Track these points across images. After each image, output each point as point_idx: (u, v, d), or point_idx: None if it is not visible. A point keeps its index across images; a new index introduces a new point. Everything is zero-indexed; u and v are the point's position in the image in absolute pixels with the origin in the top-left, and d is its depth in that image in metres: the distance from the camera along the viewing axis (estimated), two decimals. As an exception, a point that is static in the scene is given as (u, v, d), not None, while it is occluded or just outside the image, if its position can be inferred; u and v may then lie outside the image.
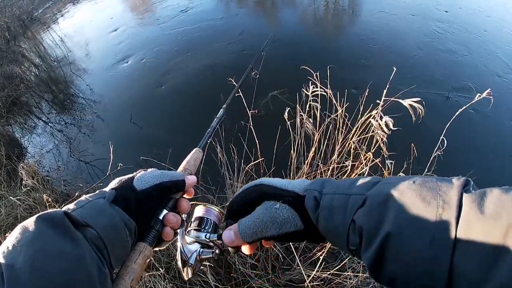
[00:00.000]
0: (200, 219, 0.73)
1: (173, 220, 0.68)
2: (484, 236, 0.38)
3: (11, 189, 3.79)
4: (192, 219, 0.75)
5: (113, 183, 0.66)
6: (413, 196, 0.46)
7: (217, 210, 0.76)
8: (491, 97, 1.76)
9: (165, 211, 0.68)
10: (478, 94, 1.81)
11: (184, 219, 0.73)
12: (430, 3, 6.68)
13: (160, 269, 2.33)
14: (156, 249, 0.70)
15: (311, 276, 2.04)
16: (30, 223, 0.50)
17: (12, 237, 0.48)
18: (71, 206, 0.57)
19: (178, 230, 0.71)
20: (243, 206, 0.65)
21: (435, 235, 0.41)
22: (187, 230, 0.73)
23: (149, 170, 0.69)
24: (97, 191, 0.62)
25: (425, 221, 0.43)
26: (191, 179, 0.72)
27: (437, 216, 0.42)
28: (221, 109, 1.18)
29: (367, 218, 0.49)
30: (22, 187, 3.65)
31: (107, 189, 0.64)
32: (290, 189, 0.61)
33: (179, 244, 0.72)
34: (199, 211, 0.75)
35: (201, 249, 0.72)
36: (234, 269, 2.41)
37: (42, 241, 0.47)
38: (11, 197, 3.42)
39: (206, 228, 0.73)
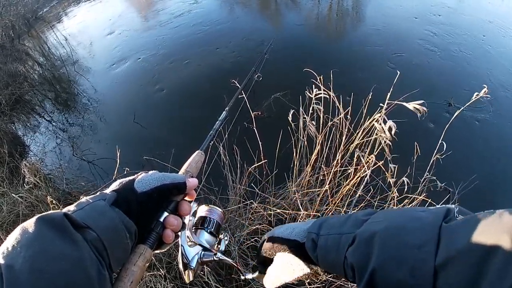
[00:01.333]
0: (203, 219, 0.75)
1: (173, 223, 0.67)
2: (462, 264, 0.40)
3: (13, 187, 3.80)
4: (196, 218, 0.76)
5: (114, 185, 0.66)
6: (394, 233, 0.50)
7: (220, 210, 0.77)
8: (489, 96, 1.77)
9: (166, 214, 0.67)
10: (476, 93, 1.82)
11: (185, 221, 0.73)
12: (434, 7, 6.68)
13: (161, 269, 2.33)
14: (157, 251, 0.70)
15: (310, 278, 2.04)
16: (30, 224, 0.50)
17: (12, 238, 0.49)
18: (71, 207, 0.57)
19: (179, 233, 0.71)
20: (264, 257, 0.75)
21: (415, 265, 0.44)
22: (190, 229, 0.74)
23: (150, 172, 0.69)
24: (98, 193, 0.63)
25: (405, 254, 0.46)
26: (192, 182, 0.71)
27: (417, 247, 0.46)
28: (224, 111, 1.19)
29: (355, 255, 0.54)
30: (25, 184, 3.65)
31: (108, 191, 0.65)
32: (292, 239, 0.69)
33: (180, 246, 0.73)
34: (202, 210, 0.76)
35: (203, 252, 0.73)
36: (234, 270, 2.41)
37: (42, 242, 0.48)
38: (13, 194, 3.43)
39: (209, 227, 0.75)
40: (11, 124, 5.58)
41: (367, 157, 2.13)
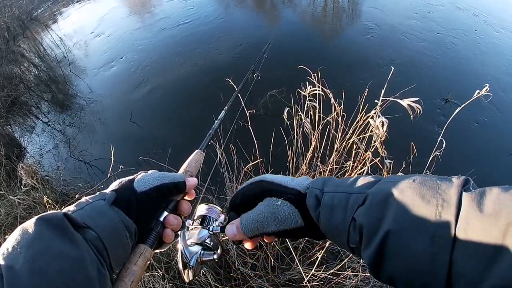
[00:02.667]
0: (203, 217, 0.74)
1: (173, 222, 0.67)
2: (483, 234, 0.39)
3: (11, 189, 3.79)
4: (195, 217, 0.75)
5: (114, 185, 0.66)
6: (412, 194, 0.46)
7: (219, 208, 0.77)
8: (490, 94, 1.77)
9: (165, 213, 0.67)
10: (477, 91, 1.81)
11: (185, 221, 0.73)
12: (431, 4, 6.68)
13: (160, 269, 2.34)
14: (157, 251, 0.70)
15: (309, 275, 2.05)
16: (29, 224, 0.50)
17: (12, 239, 0.49)
18: (71, 207, 0.57)
19: (179, 232, 0.71)
20: (246, 200, 0.66)
21: (435, 233, 0.42)
22: (189, 228, 0.74)
23: (150, 171, 0.69)
24: (98, 193, 0.63)
25: (424, 219, 0.43)
26: (191, 181, 0.71)
27: (437, 214, 0.43)
28: (223, 111, 1.18)
29: (367, 216, 0.49)
30: (22, 186, 3.65)
31: (107, 190, 0.64)
32: (291, 187, 0.62)
33: (180, 246, 0.72)
34: (201, 209, 0.76)
35: (202, 251, 0.72)
36: (233, 269, 2.41)
37: (42, 242, 0.47)
38: (10, 197, 3.42)
39: (209, 226, 0.73)
40: (7, 126, 5.56)
41: (363, 154, 2.13)
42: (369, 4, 6.94)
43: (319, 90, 2.10)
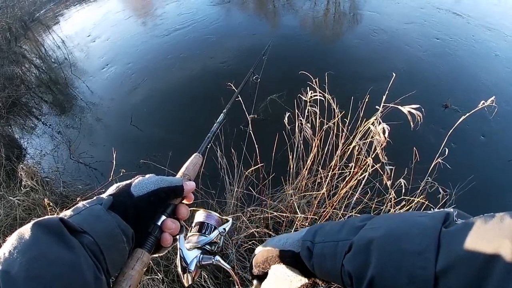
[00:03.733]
0: (201, 224, 0.75)
1: (171, 226, 0.67)
2: (464, 270, 0.40)
3: (10, 190, 3.79)
4: (193, 224, 0.76)
5: (111, 189, 0.66)
6: (392, 239, 0.49)
7: (218, 215, 0.77)
8: (496, 105, 1.77)
9: (163, 217, 0.67)
10: (482, 102, 1.81)
11: (183, 225, 0.72)
12: (431, 9, 6.71)
13: (159, 273, 2.33)
14: (155, 255, 0.70)
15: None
16: (26, 229, 0.50)
17: (9, 244, 0.48)
18: (68, 212, 0.57)
19: (177, 236, 0.71)
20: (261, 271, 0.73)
21: (414, 272, 0.44)
22: (188, 236, 0.74)
23: (147, 176, 0.69)
24: (95, 198, 0.62)
25: (404, 261, 0.45)
26: (189, 185, 0.71)
27: (417, 254, 0.45)
28: (222, 114, 1.18)
29: (352, 263, 0.53)
30: (22, 187, 3.65)
31: (104, 195, 0.64)
32: (287, 249, 0.67)
33: (179, 250, 0.72)
34: (199, 216, 0.76)
35: (201, 255, 0.72)
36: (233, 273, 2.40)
37: (38, 247, 0.48)
38: (10, 198, 3.42)
39: (207, 233, 0.74)
40: (8, 127, 5.56)
41: (364, 160, 2.13)
42: (370, 10, 6.96)
43: (319, 96, 2.10)
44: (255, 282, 0.75)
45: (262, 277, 0.72)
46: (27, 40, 9.21)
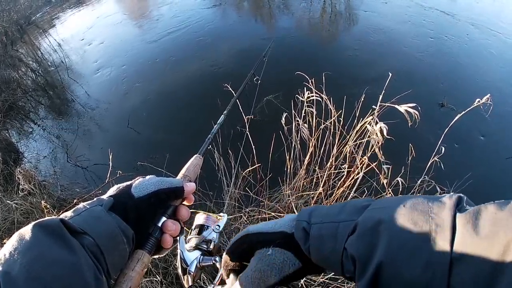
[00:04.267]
0: (201, 227, 0.74)
1: (172, 227, 0.67)
2: (481, 258, 0.37)
3: (8, 194, 3.78)
4: (193, 227, 0.75)
5: (111, 191, 0.66)
6: (404, 221, 0.45)
7: (216, 218, 0.76)
8: (491, 102, 1.78)
9: (164, 218, 0.67)
10: (478, 100, 1.82)
11: (184, 226, 0.72)
12: (427, 9, 6.74)
13: (158, 275, 2.33)
14: (155, 256, 0.69)
15: (304, 279, 2.04)
16: (26, 230, 0.50)
17: (9, 245, 0.48)
18: (68, 213, 0.57)
19: (178, 238, 0.71)
20: (237, 259, 0.65)
21: (429, 260, 0.40)
22: (188, 238, 0.73)
23: (148, 177, 0.69)
24: (95, 199, 0.62)
25: (418, 247, 0.42)
26: (190, 186, 0.71)
27: (431, 240, 0.41)
28: (222, 115, 1.18)
29: (358, 246, 0.48)
30: (19, 191, 3.64)
31: (105, 196, 0.64)
32: (277, 231, 0.60)
33: (179, 251, 0.72)
34: (199, 219, 0.76)
35: (202, 257, 0.72)
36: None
37: (38, 248, 0.48)
38: (8, 202, 3.40)
39: (207, 235, 0.74)
40: (5, 131, 5.54)
41: (361, 159, 2.14)
42: (366, 11, 6.98)
43: (316, 96, 2.11)
44: (231, 277, 0.66)
45: (239, 270, 0.64)
46: (23, 44, 9.18)
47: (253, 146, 2.28)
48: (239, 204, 2.70)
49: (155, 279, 2.31)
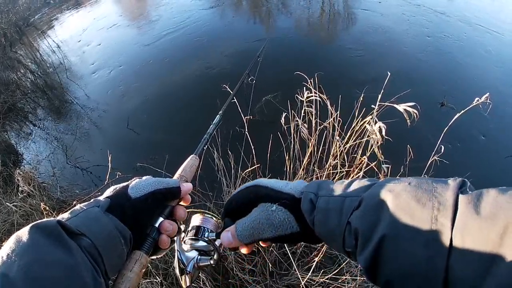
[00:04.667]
0: (197, 228, 0.73)
1: (169, 228, 0.67)
2: (481, 238, 0.38)
3: (7, 196, 3.78)
4: (189, 228, 0.74)
5: (108, 192, 0.66)
6: (408, 198, 0.45)
7: (214, 219, 0.76)
8: (490, 101, 1.77)
9: (161, 219, 0.67)
10: (477, 99, 1.82)
11: (181, 226, 0.72)
12: (426, 9, 6.74)
13: (158, 276, 2.32)
14: (153, 257, 0.70)
15: (306, 279, 2.04)
16: (24, 232, 0.50)
17: (7, 247, 0.48)
18: (65, 215, 0.57)
19: (175, 238, 0.71)
20: (240, 206, 0.66)
21: (430, 237, 0.41)
22: (184, 240, 0.73)
23: (144, 178, 0.69)
24: (92, 200, 0.62)
25: (420, 223, 0.43)
26: (186, 186, 0.71)
27: (433, 217, 0.42)
28: (218, 115, 1.18)
29: (362, 220, 0.48)
30: (19, 193, 3.63)
31: (102, 197, 0.64)
32: (286, 191, 0.61)
33: (176, 251, 0.72)
34: (196, 220, 0.74)
35: (199, 256, 0.71)
36: (231, 275, 2.41)
37: (36, 250, 0.47)
38: (7, 203, 3.40)
39: (204, 237, 0.72)
40: (4, 132, 5.54)
41: (360, 159, 2.13)
42: (365, 10, 6.99)
43: (315, 96, 2.10)
44: (226, 220, 0.68)
45: (237, 215, 0.66)
46: (22, 45, 9.18)
47: (252, 147, 2.28)
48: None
49: (155, 280, 2.30)
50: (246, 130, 2.24)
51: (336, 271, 2.13)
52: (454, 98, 4.23)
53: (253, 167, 2.31)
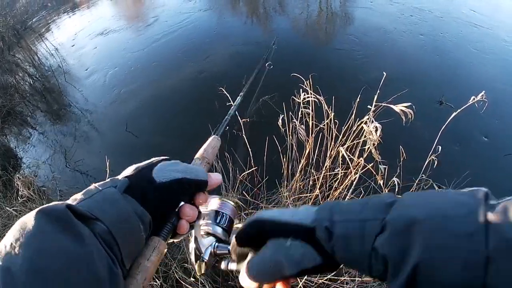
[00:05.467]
0: (216, 213, 0.71)
1: (189, 213, 0.63)
2: None
3: (7, 200, 3.78)
4: (207, 212, 0.72)
5: (128, 171, 0.61)
6: (440, 218, 0.43)
7: (233, 204, 0.74)
8: (486, 100, 1.78)
9: (181, 203, 0.63)
10: (473, 97, 1.83)
11: (201, 211, 0.69)
12: (423, 8, 6.75)
13: (157, 279, 2.33)
14: (169, 241, 0.64)
15: (303, 280, 2.05)
16: (29, 218, 0.45)
17: (10, 235, 0.44)
18: (78, 196, 0.52)
19: (194, 223, 0.67)
20: (246, 245, 0.60)
21: (468, 257, 0.39)
22: (201, 224, 0.70)
23: (172, 161, 0.65)
24: (109, 180, 0.57)
25: (456, 244, 0.40)
26: (214, 179, 0.66)
27: (469, 236, 0.40)
28: (239, 97, 1.16)
29: (390, 246, 0.45)
30: (19, 197, 3.64)
31: (120, 177, 0.59)
32: (296, 222, 0.54)
33: (193, 238, 0.69)
34: (213, 204, 0.72)
35: (216, 243, 0.68)
36: (231, 277, 2.41)
37: (42, 239, 0.43)
38: (7, 208, 3.40)
39: (221, 223, 0.70)
40: (3, 136, 5.54)
41: (357, 160, 2.14)
42: (362, 11, 6.99)
43: (312, 97, 2.11)
44: (239, 261, 0.62)
45: (243, 256, 0.60)
46: (20, 49, 9.17)
47: (250, 149, 2.28)
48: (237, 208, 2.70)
49: (155, 283, 2.31)
50: (243, 133, 2.25)
51: (335, 271, 2.13)
52: (452, 97, 4.23)
53: (251, 170, 2.31)
